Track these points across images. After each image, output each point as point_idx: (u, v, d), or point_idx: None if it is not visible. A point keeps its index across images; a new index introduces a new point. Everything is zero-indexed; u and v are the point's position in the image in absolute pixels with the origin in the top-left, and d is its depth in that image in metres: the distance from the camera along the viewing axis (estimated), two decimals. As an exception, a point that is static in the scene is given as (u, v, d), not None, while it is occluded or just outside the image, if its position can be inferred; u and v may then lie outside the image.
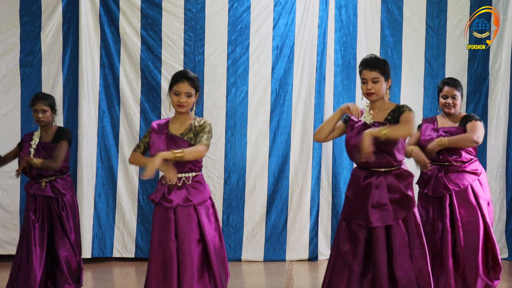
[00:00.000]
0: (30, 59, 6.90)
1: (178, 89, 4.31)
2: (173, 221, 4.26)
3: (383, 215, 4.22)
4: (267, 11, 7.02)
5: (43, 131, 5.45)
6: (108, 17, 6.94)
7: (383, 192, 4.25)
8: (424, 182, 5.21)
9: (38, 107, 5.35)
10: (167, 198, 4.28)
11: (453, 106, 5.18)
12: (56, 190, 5.40)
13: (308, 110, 7.03)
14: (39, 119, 5.37)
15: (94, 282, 6.30)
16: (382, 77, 4.27)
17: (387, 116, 4.30)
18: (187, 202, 4.27)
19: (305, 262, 7.00)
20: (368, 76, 4.27)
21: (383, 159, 4.25)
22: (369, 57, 4.36)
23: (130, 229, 7.00)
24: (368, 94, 4.30)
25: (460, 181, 5.10)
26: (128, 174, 6.98)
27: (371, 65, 4.28)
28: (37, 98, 5.41)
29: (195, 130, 4.34)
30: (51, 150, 5.35)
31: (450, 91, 5.18)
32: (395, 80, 6.85)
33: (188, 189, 4.29)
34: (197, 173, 4.35)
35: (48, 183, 5.40)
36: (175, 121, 4.40)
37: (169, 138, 4.33)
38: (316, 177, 7.04)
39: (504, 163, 7.10)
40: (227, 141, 7.02)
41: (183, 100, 4.30)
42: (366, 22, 7.07)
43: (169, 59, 6.95)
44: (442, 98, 5.22)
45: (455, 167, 5.11)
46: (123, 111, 7.00)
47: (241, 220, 7.04)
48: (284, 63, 7.05)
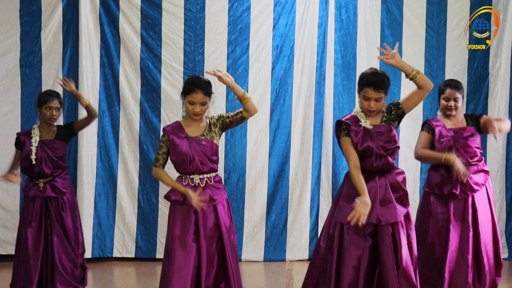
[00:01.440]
0: (30, 59, 6.90)
1: (193, 100, 4.35)
2: (193, 221, 4.32)
3: (391, 213, 4.26)
4: (267, 11, 7.02)
5: (42, 129, 5.42)
6: (108, 17, 6.94)
7: (387, 190, 4.30)
8: (444, 184, 5.07)
9: (54, 104, 5.35)
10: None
11: (454, 109, 5.13)
12: (56, 190, 5.38)
13: (308, 110, 7.03)
14: (53, 117, 5.37)
15: (94, 282, 6.30)
16: (385, 95, 4.30)
17: (382, 118, 4.36)
18: (211, 202, 4.35)
19: (305, 262, 6.99)
20: (372, 95, 4.26)
21: (387, 161, 4.32)
22: (374, 75, 4.29)
23: (130, 229, 7.00)
24: (369, 111, 4.32)
25: (480, 180, 5.07)
26: (128, 174, 6.98)
27: (376, 85, 4.25)
28: (51, 95, 5.40)
29: (215, 125, 4.43)
30: (55, 148, 5.35)
31: (452, 94, 5.12)
32: (395, 80, 6.85)
33: (211, 189, 4.38)
34: (216, 173, 4.45)
35: (47, 183, 5.38)
36: (190, 124, 4.44)
37: (190, 141, 4.37)
38: (316, 177, 7.04)
39: (504, 163, 7.10)
40: (227, 141, 7.02)
41: (198, 109, 4.35)
42: (366, 22, 7.07)
43: (169, 59, 6.95)
44: (444, 100, 5.15)
45: (475, 166, 5.06)
46: (123, 111, 7.00)
47: (241, 220, 7.04)
48: (284, 63, 7.05)
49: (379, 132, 4.32)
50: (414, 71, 4.25)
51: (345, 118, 4.42)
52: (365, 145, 4.29)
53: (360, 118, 4.35)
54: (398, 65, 4.26)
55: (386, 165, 4.32)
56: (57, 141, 5.40)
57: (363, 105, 4.33)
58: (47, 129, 5.43)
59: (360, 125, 4.33)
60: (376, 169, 4.32)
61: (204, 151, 4.36)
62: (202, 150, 4.36)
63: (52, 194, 5.35)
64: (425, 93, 4.30)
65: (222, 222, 4.38)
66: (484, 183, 5.10)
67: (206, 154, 4.37)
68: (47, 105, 5.36)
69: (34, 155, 5.30)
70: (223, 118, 4.45)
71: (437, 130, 5.11)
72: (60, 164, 5.45)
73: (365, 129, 4.32)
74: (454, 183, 5.01)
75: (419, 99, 4.34)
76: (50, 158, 5.37)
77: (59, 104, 5.41)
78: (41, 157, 5.34)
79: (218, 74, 4.32)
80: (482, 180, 5.09)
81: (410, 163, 7.03)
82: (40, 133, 5.40)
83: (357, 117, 4.36)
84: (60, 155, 5.43)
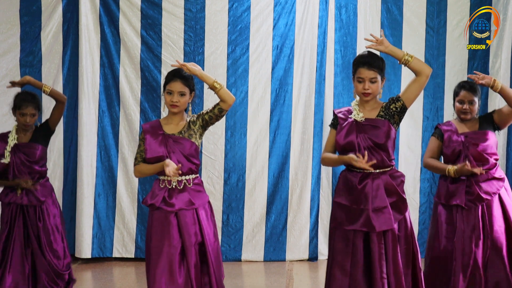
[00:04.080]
0: (30, 59, 6.90)
1: (171, 88, 4.18)
2: (175, 226, 4.12)
3: (386, 219, 4.08)
4: (267, 11, 7.02)
5: (19, 132, 5.12)
6: (108, 17, 6.94)
7: (382, 194, 4.11)
8: (450, 193, 4.84)
9: (28, 111, 5.05)
10: (169, 202, 4.15)
11: (469, 112, 4.85)
12: (33, 198, 5.00)
13: (308, 110, 7.03)
14: (26, 124, 5.04)
15: (94, 282, 6.30)
16: (379, 76, 4.14)
17: (379, 113, 4.19)
18: (190, 206, 4.16)
19: (305, 262, 6.99)
20: (365, 75, 4.11)
21: (378, 156, 4.11)
22: (366, 54, 4.18)
23: (130, 229, 7.00)
24: (364, 94, 4.15)
25: (491, 189, 4.77)
26: (128, 174, 6.98)
27: (369, 63, 4.11)
28: (25, 100, 5.07)
29: (195, 123, 4.23)
30: (31, 151, 5.02)
31: (467, 96, 4.84)
32: (395, 80, 6.85)
33: (190, 192, 4.18)
34: (196, 175, 4.25)
35: (24, 190, 5.00)
36: (169, 122, 4.27)
37: (167, 138, 4.19)
38: (316, 177, 7.03)
39: (504, 163, 7.09)
40: (227, 141, 7.02)
41: (175, 99, 4.17)
42: (366, 22, 7.07)
43: (169, 59, 6.95)
44: (458, 103, 4.87)
45: (484, 175, 4.76)
46: (123, 111, 7.00)
47: (241, 220, 7.04)
48: (284, 63, 7.05)
49: (371, 126, 4.15)
50: (406, 55, 4.09)
51: (338, 110, 4.32)
52: (349, 139, 4.14)
53: (353, 110, 4.21)
54: (387, 50, 4.09)
55: (381, 161, 4.13)
56: (32, 144, 5.05)
57: (358, 89, 4.16)
58: (24, 131, 5.12)
59: (350, 118, 4.18)
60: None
61: (182, 149, 4.17)
62: (179, 148, 4.16)
63: (28, 202, 4.97)
64: (424, 79, 4.09)
65: (204, 226, 4.17)
66: (497, 192, 4.79)
67: (184, 153, 4.17)
68: (21, 111, 5.06)
69: (7, 160, 4.97)
70: (202, 115, 4.23)
71: (446, 136, 4.88)
72: (36, 169, 5.07)
73: (355, 122, 4.16)
74: (460, 193, 4.77)
75: (419, 87, 4.13)
76: (24, 164, 5.00)
77: (34, 109, 5.05)
78: (14, 162, 4.99)
79: (182, 63, 4.13)
80: (494, 188, 4.79)
81: (410, 163, 7.03)
82: (18, 135, 5.09)
83: (351, 109, 4.23)
84: (36, 159, 5.06)
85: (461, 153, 4.83)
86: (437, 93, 7.03)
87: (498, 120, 4.90)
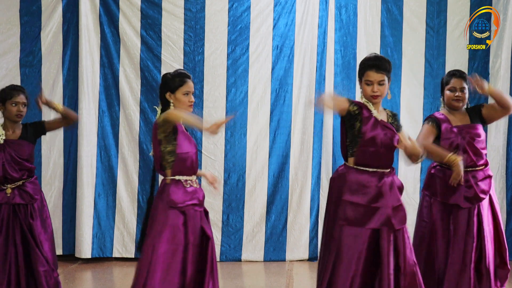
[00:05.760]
0: (30, 59, 6.90)
1: (189, 89, 4.16)
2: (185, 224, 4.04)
3: (401, 216, 4.14)
4: (267, 11, 7.02)
5: (6, 129, 4.99)
6: (108, 17, 6.94)
7: (397, 193, 4.18)
8: (450, 191, 4.76)
9: (20, 99, 4.93)
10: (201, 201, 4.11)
11: (461, 100, 4.80)
12: (26, 196, 4.94)
13: (308, 110, 7.02)
14: (20, 113, 4.93)
15: (94, 282, 6.30)
16: (387, 78, 4.15)
17: (388, 119, 4.22)
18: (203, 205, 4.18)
19: (305, 262, 6.99)
20: (374, 78, 4.11)
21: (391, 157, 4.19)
22: (374, 57, 4.18)
23: (130, 229, 7.00)
24: (373, 97, 4.14)
25: (486, 187, 4.76)
26: (128, 174, 6.98)
27: (377, 66, 4.11)
28: (16, 89, 4.98)
29: None
30: (21, 149, 4.93)
31: (459, 83, 4.81)
32: (395, 80, 6.85)
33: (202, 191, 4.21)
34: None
35: (15, 189, 4.93)
36: None
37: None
38: (316, 177, 7.03)
39: (504, 163, 7.10)
40: (227, 141, 7.02)
41: (193, 99, 4.19)
42: (366, 22, 7.07)
43: (169, 59, 6.95)
44: (450, 91, 4.82)
45: (481, 172, 4.76)
46: (123, 111, 7.00)
47: (241, 220, 7.04)
48: (284, 63, 7.05)
49: (386, 127, 4.17)
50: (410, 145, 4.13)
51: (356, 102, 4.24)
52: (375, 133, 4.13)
53: (369, 107, 4.17)
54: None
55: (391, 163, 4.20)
56: (23, 141, 4.94)
57: (366, 92, 4.15)
58: (12, 128, 4.97)
59: (371, 113, 4.16)
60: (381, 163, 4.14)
61: None
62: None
63: (22, 201, 4.90)
64: None
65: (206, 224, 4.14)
66: (489, 190, 4.79)
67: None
68: (12, 100, 4.90)
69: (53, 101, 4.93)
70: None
71: (443, 127, 4.78)
72: (27, 166, 4.98)
73: (376, 119, 4.15)
74: (460, 192, 4.70)
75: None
76: (15, 160, 4.91)
77: (25, 99, 4.95)
78: (4, 159, 4.88)
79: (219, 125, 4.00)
80: (488, 187, 4.78)
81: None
82: (5, 132, 4.96)
83: (366, 105, 4.18)
84: (26, 156, 4.96)
85: (458, 147, 4.75)
86: (437, 93, 7.01)
87: (487, 115, 4.88)
